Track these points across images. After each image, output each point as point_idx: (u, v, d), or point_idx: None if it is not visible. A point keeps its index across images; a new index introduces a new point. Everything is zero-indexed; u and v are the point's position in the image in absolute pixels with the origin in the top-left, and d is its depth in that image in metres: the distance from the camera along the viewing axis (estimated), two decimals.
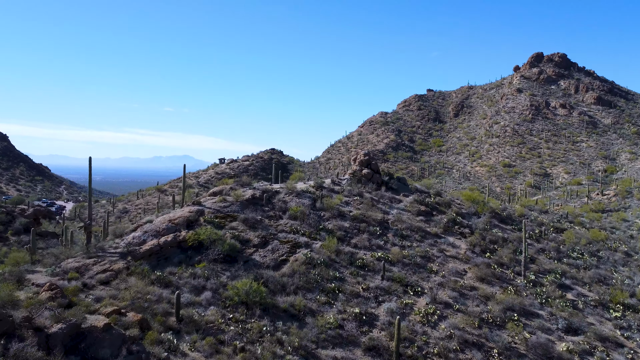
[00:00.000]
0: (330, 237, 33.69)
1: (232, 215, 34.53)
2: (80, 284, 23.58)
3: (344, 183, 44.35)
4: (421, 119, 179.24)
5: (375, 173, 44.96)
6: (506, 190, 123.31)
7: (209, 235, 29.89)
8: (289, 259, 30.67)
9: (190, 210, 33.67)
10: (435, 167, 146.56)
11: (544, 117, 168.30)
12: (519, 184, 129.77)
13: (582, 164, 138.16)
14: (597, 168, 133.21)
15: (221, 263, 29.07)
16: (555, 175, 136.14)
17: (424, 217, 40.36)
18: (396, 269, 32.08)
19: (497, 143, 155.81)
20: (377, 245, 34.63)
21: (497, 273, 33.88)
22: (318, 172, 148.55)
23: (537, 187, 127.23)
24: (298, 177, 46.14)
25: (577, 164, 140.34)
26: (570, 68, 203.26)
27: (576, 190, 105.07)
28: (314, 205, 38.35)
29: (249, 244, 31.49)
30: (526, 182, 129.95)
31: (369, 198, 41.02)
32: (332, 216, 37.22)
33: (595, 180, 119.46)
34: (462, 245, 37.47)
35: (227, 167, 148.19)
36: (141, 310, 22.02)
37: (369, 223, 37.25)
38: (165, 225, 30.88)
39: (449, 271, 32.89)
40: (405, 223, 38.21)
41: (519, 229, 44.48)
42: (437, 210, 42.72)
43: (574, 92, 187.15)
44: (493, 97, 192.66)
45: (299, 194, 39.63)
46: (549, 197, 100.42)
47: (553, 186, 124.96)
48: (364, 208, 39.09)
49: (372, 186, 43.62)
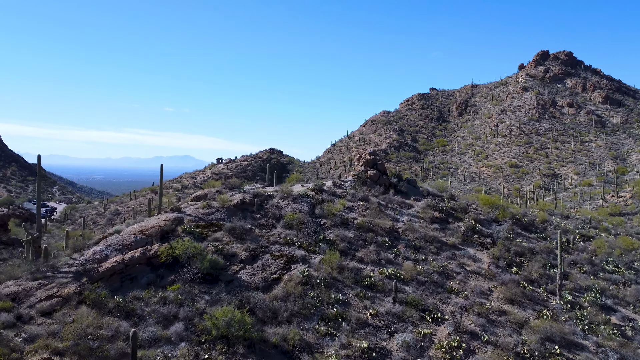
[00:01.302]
0: (331, 250, 28.60)
1: (216, 224, 29.39)
2: (13, 317, 18.43)
3: (347, 186, 39.20)
4: (424, 118, 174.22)
5: (382, 174, 39.80)
6: (514, 191, 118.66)
7: (187, 249, 24.79)
8: (282, 277, 25.55)
9: (167, 219, 28.55)
10: (440, 167, 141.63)
11: (550, 116, 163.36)
12: (526, 185, 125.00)
13: (592, 164, 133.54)
14: (607, 169, 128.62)
15: (200, 284, 23.94)
16: (564, 176, 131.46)
17: (439, 224, 35.22)
18: (410, 288, 26.95)
19: (503, 143, 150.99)
20: (386, 259, 29.48)
21: (528, 293, 28.73)
22: (319, 173, 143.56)
23: (546, 188, 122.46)
24: (295, 179, 41.01)
25: (586, 164, 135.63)
26: (576, 66, 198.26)
27: (589, 192, 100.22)
28: (312, 211, 33.22)
29: (235, 259, 26.36)
30: (534, 183, 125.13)
31: (376, 203, 35.86)
32: (333, 224, 32.10)
33: (607, 181, 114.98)
34: (484, 258, 32.33)
35: (224, 167, 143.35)
36: (87, 353, 16.89)
37: (377, 232, 32.12)
38: (134, 238, 25.71)
39: (472, 290, 27.75)
40: (418, 232, 33.07)
41: (544, 238, 39.38)
42: (453, 216, 37.58)
43: (580, 90, 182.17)
44: (498, 95, 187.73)
45: (296, 199, 34.50)
46: (561, 199, 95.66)
47: (563, 187, 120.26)
48: (370, 215, 33.96)
49: (379, 189, 38.43)
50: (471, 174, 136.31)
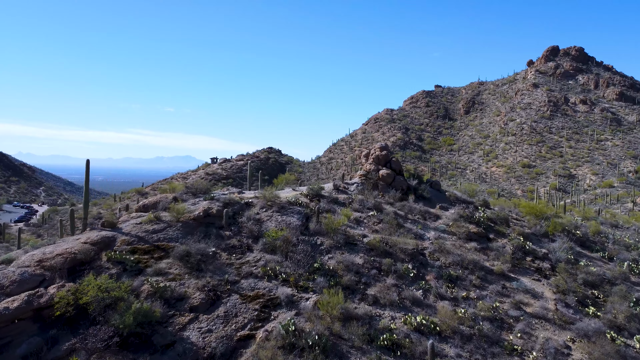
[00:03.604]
0: (332, 285, 19.31)
1: (163, 247, 20.06)
2: None
3: (352, 189, 29.72)
4: (429, 116, 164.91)
5: (397, 175, 30.34)
6: (528, 193, 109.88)
7: (102, 294, 15.47)
8: (254, 335, 16.25)
9: (90, 240, 19.22)
10: (447, 167, 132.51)
11: (563, 114, 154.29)
12: (541, 186, 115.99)
13: (610, 164, 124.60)
14: (626, 169, 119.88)
15: (118, 352, 14.64)
16: (581, 176, 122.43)
17: (478, 243, 25.84)
18: (451, 348, 17.61)
19: (514, 141, 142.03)
20: (412, 298, 20.11)
21: (621, 349, 19.37)
22: (319, 173, 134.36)
23: (563, 190, 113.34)
24: (285, 181, 31.54)
25: (604, 164, 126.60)
26: (588, 62, 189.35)
27: (613, 195, 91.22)
28: (305, 226, 23.87)
29: (183, 306, 17.05)
30: (550, 184, 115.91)
31: (392, 213, 26.40)
32: (334, 245, 22.72)
33: (629, 182, 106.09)
34: (545, 292, 22.96)
35: (219, 167, 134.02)
36: None
37: (396, 256, 22.72)
38: (20, 274, 16.36)
39: (543, 349, 18.42)
40: (451, 255, 23.69)
41: (608, 258, 30.05)
42: (493, 230, 28.19)
43: (593, 87, 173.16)
44: (506, 93, 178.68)
45: (284, 209, 25.10)
46: (583, 202, 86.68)
47: (581, 189, 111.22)
48: (385, 230, 24.57)
49: (394, 194, 28.92)
50: (481, 174, 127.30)
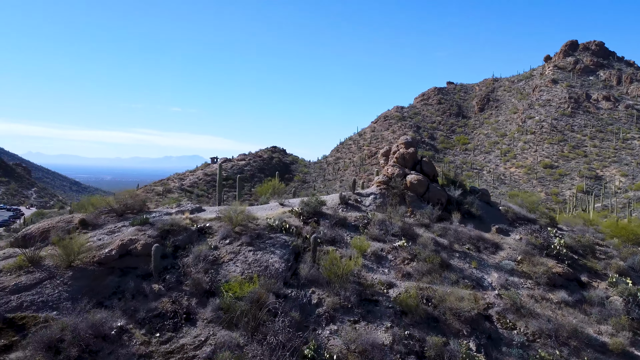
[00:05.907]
0: None
1: (21, 324, 10.89)
2: None
3: (367, 204, 20.10)
4: (442, 114, 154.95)
5: (431, 181, 20.68)
6: (552, 196, 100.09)
7: None
8: None
9: None
10: (462, 167, 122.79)
11: (585, 111, 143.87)
12: (566, 188, 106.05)
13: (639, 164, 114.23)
14: None
15: None
16: (609, 178, 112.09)
17: (567, 291, 16.28)
18: None
19: (533, 140, 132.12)
20: None
21: None
22: (325, 174, 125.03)
23: (591, 193, 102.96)
24: (272, 190, 21.86)
25: (633, 164, 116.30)
26: (609, 57, 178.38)
27: None
28: (294, 270, 14.42)
29: None
30: (577, 187, 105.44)
31: (431, 243, 16.76)
32: (341, 306, 13.21)
33: None
34: None
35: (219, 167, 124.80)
36: None
37: (446, 325, 13.27)
38: None
39: None
40: (535, 318, 14.15)
41: None
42: (579, 266, 18.58)
43: (615, 83, 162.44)
44: (523, 89, 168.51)
45: (260, 238, 15.71)
46: (615, 206, 77.00)
47: (611, 192, 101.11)
48: (423, 272, 15.04)
49: (430, 211, 19.19)
50: (499, 175, 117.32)
